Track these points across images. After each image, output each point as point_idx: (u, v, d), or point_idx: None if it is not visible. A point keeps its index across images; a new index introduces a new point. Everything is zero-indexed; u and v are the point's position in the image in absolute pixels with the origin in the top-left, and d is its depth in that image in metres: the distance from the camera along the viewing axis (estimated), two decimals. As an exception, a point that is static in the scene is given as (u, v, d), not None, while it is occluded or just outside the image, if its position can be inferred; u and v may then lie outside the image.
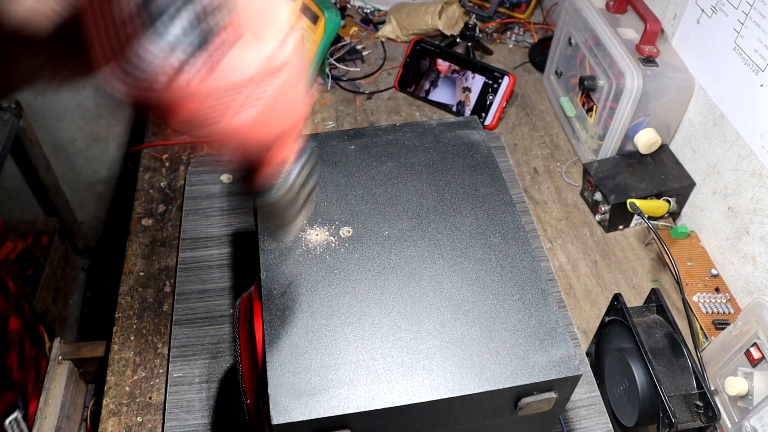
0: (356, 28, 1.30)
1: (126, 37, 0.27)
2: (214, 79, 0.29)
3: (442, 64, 1.15)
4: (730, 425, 0.71)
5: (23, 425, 0.83)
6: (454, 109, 1.14)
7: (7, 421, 0.80)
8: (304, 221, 0.45)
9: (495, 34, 1.31)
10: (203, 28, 0.27)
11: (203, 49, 0.28)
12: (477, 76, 1.12)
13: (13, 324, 0.86)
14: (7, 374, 0.84)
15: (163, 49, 0.27)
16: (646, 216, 0.84)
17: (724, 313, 0.85)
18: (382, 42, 1.28)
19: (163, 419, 0.70)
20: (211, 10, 0.27)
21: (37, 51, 0.33)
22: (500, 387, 0.49)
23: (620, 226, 0.97)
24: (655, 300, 0.74)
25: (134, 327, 0.79)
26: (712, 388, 0.71)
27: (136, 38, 0.27)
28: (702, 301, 0.86)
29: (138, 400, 0.72)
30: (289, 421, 0.47)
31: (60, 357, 0.96)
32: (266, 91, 0.32)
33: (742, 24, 0.80)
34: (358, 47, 1.26)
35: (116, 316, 0.80)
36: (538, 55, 1.25)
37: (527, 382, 0.49)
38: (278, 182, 0.40)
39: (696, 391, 0.66)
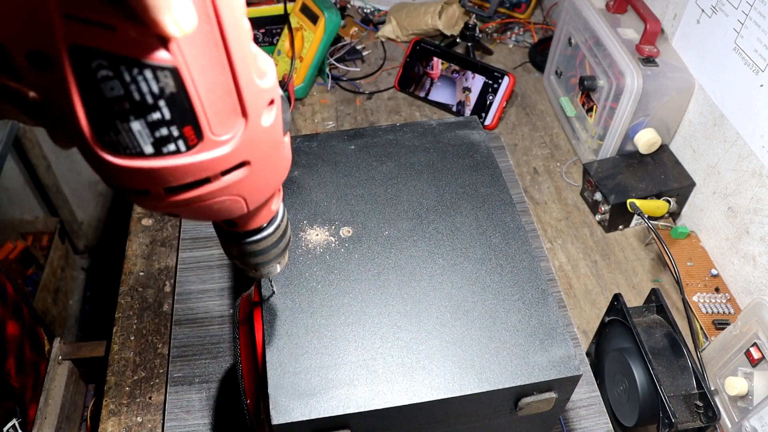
0: (356, 28, 1.30)
1: (78, 139, 0.27)
2: (171, 180, 0.29)
3: (433, 71, 1.15)
4: (730, 425, 0.71)
5: None
6: (454, 109, 1.14)
7: (5, 429, 0.80)
8: (281, 266, 0.46)
9: (495, 34, 1.31)
10: (154, 138, 0.27)
11: (157, 156, 0.27)
12: (477, 76, 1.12)
13: (11, 329, 0.86)
14: (5, 382, 0.84)
15: (113, 155, 0.27)
16: (646, 216, 0.84)
17: (724, 313, 0.85)
18: (382, 42, 1.28)
19: (163, 419, 0.70)
20: (160, 123, 0.26)
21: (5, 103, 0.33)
22: (500, 387, 0.49)
23: (620, 226, 0.97)
24: (655, 300, 0.74)
25: (134, 327, 0.79)
26: (712, 388, 0.72)
27: (86, 142, 0.27)
28: (702, 301, 0.86)
29: (138, 400, 0.73)
30: (289, 421, 0.47)
31: (60, 357, 0.96)
32: (235, 178, 0.31)
33: (742, 24, 0.80)
34: (358, 47, 1.26)
35: (116, 316, 0.80)
36: (538, 55, 1.25)
37: (527, 382, 0.49)
38: (266, 225, 0.40)
39: (696, 391, 0.66)
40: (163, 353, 0.76)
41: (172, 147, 0.27)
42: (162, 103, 0.26)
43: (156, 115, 0.26)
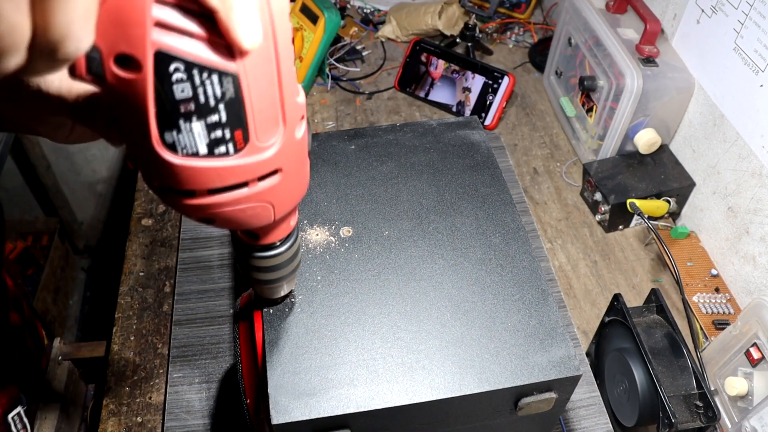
0: (356, 28, 1.30)
1: (140, 138, 0.30)
2: (216, 180, 0.32)
3: (435, 71, 1.15)
4: (730, 425, 0.71)
5: (26, 420, 0.82)
6: (454, 109, 1.14)
7: (9, 416, 0.80)
8: (287, 290, 0.50)
9: (495, 34, 1.31)
10: (209, 139, 0.30)
11: (209, 156, 0.31)
12: (477, 76, 1.12)
13: (13, 319, 0.87)
14: (11, 368, 0.84)
15: (172, 154, 0.30)
16: (646, 216, 0.84)
17: (724, 313, 0.85)
18: (382, 42, 1.28)
19: (163, 419, 0.70)
20: (217, 125, 0.30)
21: (53, 114, 0.36)
22: (500, 387, 0.49)
23: (620, 226, 0.97)
24: (655, 300, 0.74)
25: (134, 327, 0.79)
26: (712, 388, 0.72)
27: (148, 140, 0.30)
28: (702, 301, 0.86)
29: (138, 400, 0.73)
30: (289, 420, 0.47)
31: (60, 357, 0.96)
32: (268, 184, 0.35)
33: (742, 24, 0.80)
34: (358, 47, 1.26)
35: (116, 316, 0.80)
36: (538, 55, 1.25)
37: (527, 383, 0.49)
38: (281, 242, 0.44)
39: (696, 391, 0.66)
40: (163, 353, 0.76)
41: (222, 149, 0.31)
42: (221, 106, 0.30)
43: (215, 117, 0.30)
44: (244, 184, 0.33)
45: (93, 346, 0.99)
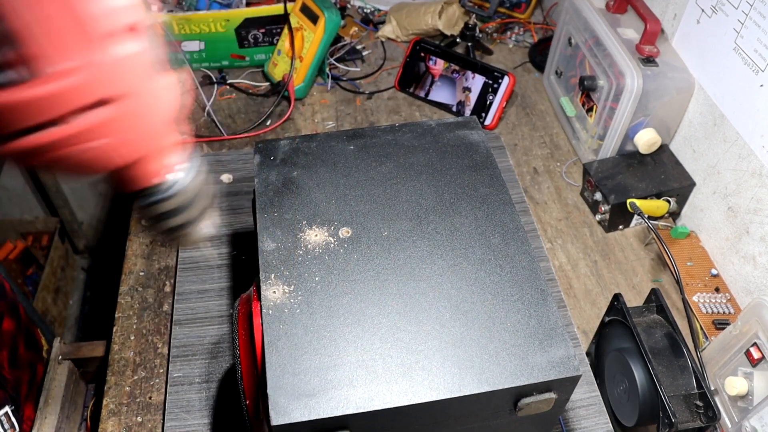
0: (356, 28, 1.30)
1: None
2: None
3: (435, 68, 1.15)
4: (730, 425, 0.71)
5: (14, 420, 0.82)
6: (454, 109, 1.14)
7: None
8: (204, 233, 0.41)
9: (495, 34, 1.31)
10: None
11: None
12: (477, 76, 1.12)
13: (6, 324, 0.87)
14: None
15: None
16: (646, 216, 0.84)
17: (724, 313, 0.85)
18: (382, 42, 1.28)
19: (163, 419, 0.70)
20: None
21: None
22: (500, 387, 0.49)
23: (620, 226, 0.97)
24: (655, 300, 0.74)
25: (134, 327, 0.79)
26: (712, 388, 0.71)
27: None
28: (702, 301, 0.86)
29: (138, 400, 0.73)
30: (289, 422, 0.47)
31: (60, 357, 0.96)
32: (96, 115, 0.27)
33: (742, 24, 0.80)
34: (358, 47, 1.26)
35: (116, 316, 0.80)
36: (538, 55, 1.25)
37: (527, 383, 0.49)
38: (162, 185, 0.36)
39: (696, 391, 0.66)
40: (163, 353, 0.77)
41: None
42: None
43: None
44: (56, 121, 0.25)
45: (93, 346, 0.99)
